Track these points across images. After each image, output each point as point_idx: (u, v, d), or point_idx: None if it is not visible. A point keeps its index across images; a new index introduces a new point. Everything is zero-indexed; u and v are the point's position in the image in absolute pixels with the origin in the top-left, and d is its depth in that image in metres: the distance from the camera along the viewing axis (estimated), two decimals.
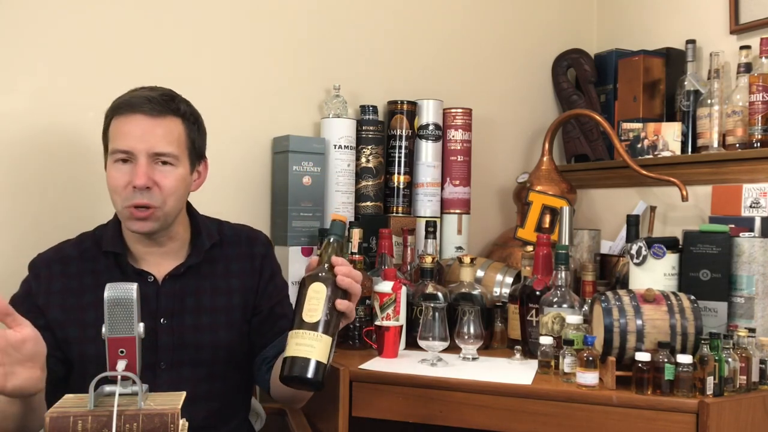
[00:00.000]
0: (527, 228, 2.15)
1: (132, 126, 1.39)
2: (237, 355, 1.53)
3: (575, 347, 1.56)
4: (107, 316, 1.01)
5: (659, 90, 2.36)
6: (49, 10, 1.86)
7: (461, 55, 2.51)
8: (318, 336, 1.22)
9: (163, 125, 1.41)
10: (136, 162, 1.39)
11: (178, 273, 1.49)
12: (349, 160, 2.18)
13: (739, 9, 2.18)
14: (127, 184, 1.39)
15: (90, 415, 0.94)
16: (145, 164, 1.39)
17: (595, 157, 2.52)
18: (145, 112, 1.40)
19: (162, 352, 1.45)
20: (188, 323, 1.48)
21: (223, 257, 1.55)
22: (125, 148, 1.39)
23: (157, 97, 1.42)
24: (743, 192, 1.94)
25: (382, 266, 1.94)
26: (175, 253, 1.51)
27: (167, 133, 1.42)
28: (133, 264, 1.48)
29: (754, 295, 1.67)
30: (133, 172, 1.39)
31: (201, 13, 2.07)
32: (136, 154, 1.39)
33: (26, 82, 1.84)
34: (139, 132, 1.39)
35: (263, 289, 1.58)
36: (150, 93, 1.43)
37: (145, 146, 1.39)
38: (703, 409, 1.39)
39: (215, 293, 1.51)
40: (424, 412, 1.59)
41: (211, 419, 1.49)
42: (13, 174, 1.83)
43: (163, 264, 1.49)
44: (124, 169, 1.40)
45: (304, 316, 1.23)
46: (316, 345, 1.22)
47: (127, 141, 1.39)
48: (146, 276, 1.47)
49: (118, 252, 1.47)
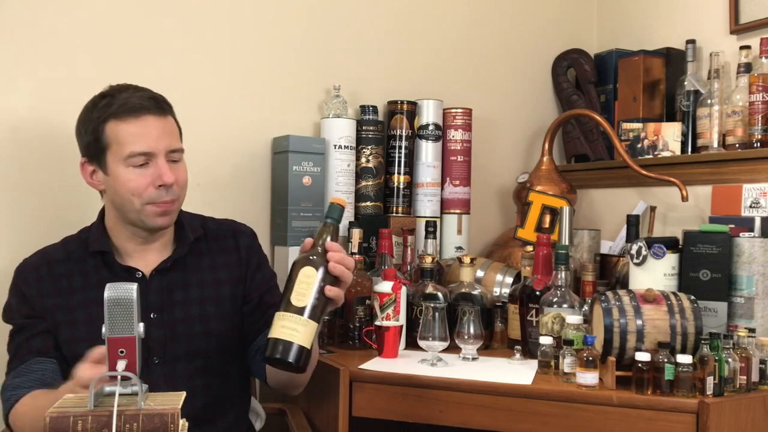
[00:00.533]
0: (527, 228, 2.15)
1: (146, 128, 1.42)
2: (230, 346, 1.54)
3: (575, 347, 1.56)
4: (107, 316, 1.01)
5: (659, 90, 2.36)
6: (50, 10, 1.86)
7: (461, 55, 2.51)
8: (304, 321, 1.23)
9: (169, 123, 1.47)
10: (155, 162, 1.42)
11: (165, 267, 1.51)
12: (349, 160, 2.18)
13: (739, 9, 2.18)
14: (148, 184, 1.42)
15: (90, 415, 0.94)
16: (165, 163, 1.43)
17: (595, 157, 2.52)
18: (154, 113, 1.43)
19: (154, 347, 1.46)
20: (178, 316, 1.49)
21: (209, 251, 1.57)
22: (145, 150, 1.41)
23: (156, 96, 1.46)
24: (743, 192, 1.94)
25: (382, 266, 1.94)
26: (162, 249, 1.53)
27: (173, 130, 1.48)
28: (120, 261, 1.50)
29: (754, 295, 1.67)
30: (156, 171, 1.42)
31: (201, 13, 2.07)
32: (156, 154, 1.42)
33: (26, 82, 1.84)
34: (155, 132, 1.42)
35: (251, 277, 1.60)
36: (144, 93, 1.45)
37: (163, 145, 1.43)
38: (703, 409, 1.39)
39: (203, 286, 1.53)
40: (424, 412, 1.59)
41: (207, 413, 1.50)
42: (13, 174, 1.83)
43: (149, 260, 1.51)
44: (142, 170, 1.42)
45: (292, 299, 1.24)
46: (301, 330, 1.23)
47: (145, 142, 1.41)
48: (134, 272, 1.49)
49: (105, 251, 1.49)
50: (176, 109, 1.99)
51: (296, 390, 1.58)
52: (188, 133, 2.02)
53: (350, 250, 1.92)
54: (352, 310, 1.85)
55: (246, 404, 1.67)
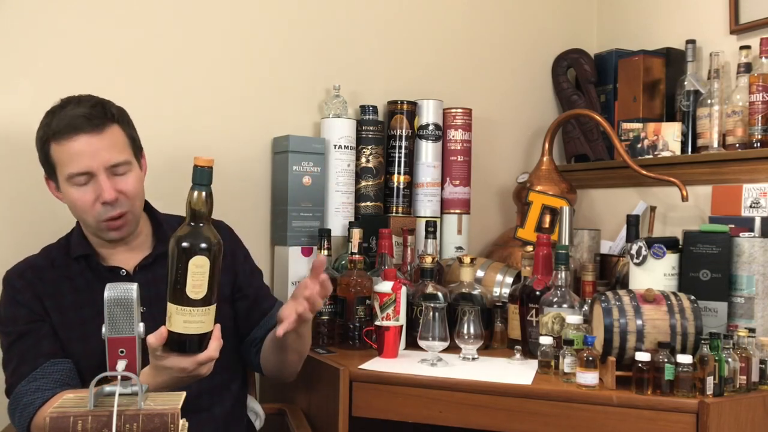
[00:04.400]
0: (527, 228, 2.15)
1: (79, 147, 1.41)
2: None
3: (575, 347, 1.56)
4: (107, 316, 1.01)
5: (659, 90, 2.36)
6: (50, 10, 1.86)
7: (461, 55, 2.51)
8: (204, 310, 1.20)
9: (107, 137, 1.44)
10: (96, 179, 1.42)
11: (147, 263, 1.54)
12: (349, 160, 2.18)
13: (739, 9, 2.18)
14: (94, 201, 1.43)
15: (90, 415, 0.94)
16: (105, 179, 1.42)
17: (595, 157, 2.52)
18: (87, 131, 1.41)
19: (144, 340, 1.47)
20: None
21: None
22: (83, 170, 1.41)
23: (90, 111, 1.43)
24: (743, 192, 1.94)
25: (382, 266, 1.94)
26: (141, 247, 1.56)
27: (114, 143, 1.45)
28: (103, 263, 1.52)
29: (754, 295, 1.67)
30: (97, 189, 1.42)
31: (202, 13, 2.07)
32: (95, 172, 1.42)
33: (26, 82, 1.84)
34: (89, 150, 1.41)
35: (241, 268, 1.64)
36: (81, 109, 1.43)
37: (100, 162, 1.42)
38: (703, 409, 1.39)
39: None
40: (424, 412, 1.59)
41: (204, 400, 1.52)
42: (13, 174, 1.83)
43: (131, 258, 1.54)
44: (85, 188, 1.43)
45: (188, 292, 1.18)
46: (206, 320, 1.21)
47: (81, 162, 1.41)
48: (118, 271, 1.52)
49: (88, 253, 1.51)
50: (176, 109, 1.99)
51: (290, 378, 1.63)
52: (188, 133, 2.04)
53: (350, 250, 1.92)
54: (352, 310, 1.85)
55: (242, 392, 1.68)
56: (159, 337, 1.22)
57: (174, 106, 2.02)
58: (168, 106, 2.01)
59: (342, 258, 2.08)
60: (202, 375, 1.30)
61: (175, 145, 1.99)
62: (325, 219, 2.14)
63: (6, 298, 1.49)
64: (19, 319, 1.45)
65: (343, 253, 2.11)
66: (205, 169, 1.20)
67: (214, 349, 1.26)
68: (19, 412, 1.37)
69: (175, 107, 2.02)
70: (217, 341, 1.27)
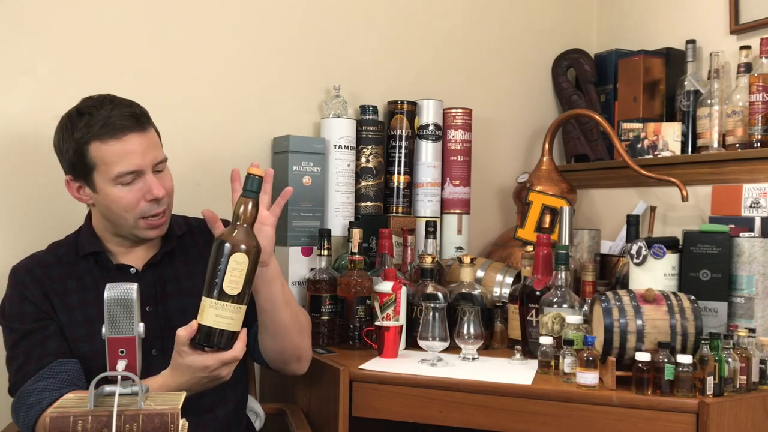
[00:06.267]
0: (527, 228, 2.15)
1: (131, 146, 1.43)
2: None
3: (575, 347, 1.56)
4: (107, 316, 1.01)
5: (659, 90, 2.36)
6: (50, 10, 1.86)
7: (461, 55, 2.51)
8: (237, 308, 1.27)
9: (151, 136, 1.49)
10: (144, 177, 1.45)
11: (155, 261, 1.55)
12: (349, 160, 2.18)
13: (739, 9, 2.18)
14: (140, 199, 1.45)
15: (90, 415, 0.94)
16: (153, 177, 1.46)
17: (595, 157, 2.52)
18: (137, 130, 1.44)
19: (152, 339, 1.48)
20: (173, 307, 1.52)
21: (195, 244, 1.62)
22: (133, 168, 1.43)
23: (135, 111, 1.46)
24: (743, 192, 1.94)
25: (382, 266, 1.94)
26: (149, 246, 1.56)
27: (155, 142, 1.50)
28: (113, 260, 1.53)
29: (754, 295, 1.67)
30: (144, 186, 1.45)
31: (201, 14, 2.07)
32: (144, 170, 1.45)
33: (26, 82, 1.84)
34: (140, 149, 1.44)
35: None
36: (124, 109, 1.44)
37: (149, 160, 1.46)
38: (703, 409, 1.39)
39: (193, 276, 1.54)
40: (424, 412, 1.59)
41: (207, 402, 1.51)
42: (13, 174, 1.83)
43: (139, 256, 1.55)
44: (130, 187, 1.45)
45: (225, 287, 1.26)
46: (236, 317, 1.27)
47: (132, 161, 1.43)
48: (127, 269, 1.52)
49: (98, 251, 1.52)
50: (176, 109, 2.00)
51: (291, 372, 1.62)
52: (188, 133, 2.04)
53: (350, 250, 1.92)
54: (353, 310, 1.85)
55: (244, 394, 1.68)
56: (189, 330, 1.27)
57: (174, 106, 2.01)
58: (168, 106, 2.00)
59: (342, 258, 2.08)
60: (222, 378, 1.32)
61: (175, 145, 1.98)
62: (325, 219, 2.14)
63: (13, 293, 1.48)
64: (26, 316, 1.44)
65: (343, 253, 2.11)
66: (256, 178, 1.31)
67: (239, 349, 1.29)
68: (25, 411, 1.36)
69: (176, 107, 2.02)
70: (242, 342, 1.30)
